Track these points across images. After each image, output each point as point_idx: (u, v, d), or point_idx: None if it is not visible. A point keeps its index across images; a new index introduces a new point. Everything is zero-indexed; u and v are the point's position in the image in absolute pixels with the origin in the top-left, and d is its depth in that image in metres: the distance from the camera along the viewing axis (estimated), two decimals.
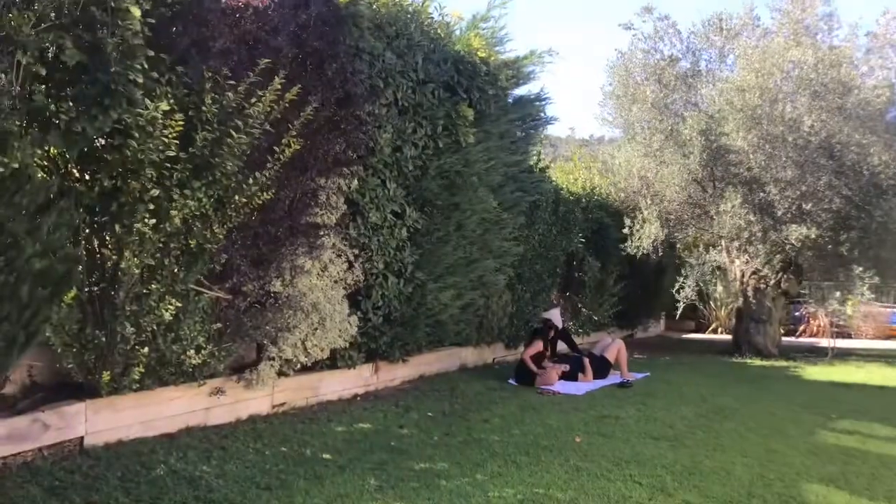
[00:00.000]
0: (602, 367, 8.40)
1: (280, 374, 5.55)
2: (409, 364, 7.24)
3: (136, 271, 4.09)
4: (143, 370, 4.25)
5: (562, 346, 8.88)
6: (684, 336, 16.24)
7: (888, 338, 15.64)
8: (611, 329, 12.61)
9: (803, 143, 9.85)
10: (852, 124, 9.88)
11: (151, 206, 4.02)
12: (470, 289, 7.78)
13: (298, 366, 5.71)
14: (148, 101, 3.73)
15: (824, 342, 14.97)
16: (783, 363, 10.29)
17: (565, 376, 7.97)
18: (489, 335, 8.74)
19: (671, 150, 11.00)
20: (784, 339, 12.48)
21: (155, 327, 4.28)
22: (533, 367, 7.69)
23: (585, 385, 7.74)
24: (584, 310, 11.38)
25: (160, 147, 3.86)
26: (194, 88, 4.13)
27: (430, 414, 5.95)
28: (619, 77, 11.85)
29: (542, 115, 8.68)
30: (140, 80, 3.62)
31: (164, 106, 3.82)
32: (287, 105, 4.51)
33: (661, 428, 5.62)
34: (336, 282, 5.98)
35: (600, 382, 7.98)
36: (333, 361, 6.24)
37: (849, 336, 16.32)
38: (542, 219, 9.28)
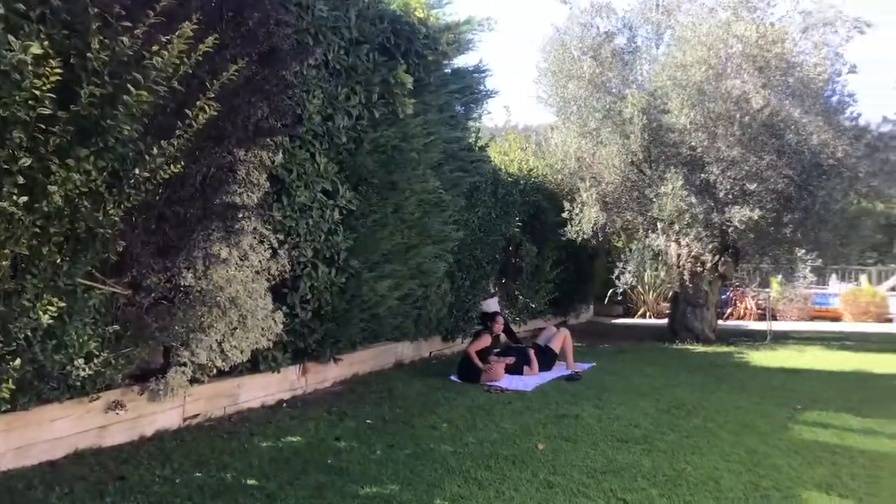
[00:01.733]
0: (548, 358, 7.92)
1: (193, 381, 4.75)
2: (341, 363, 6.54)
3: (4, 263, 3.22)
4: (13, 386, 3.39)
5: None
6: (614, 321, 16.12)
7: (812, 319, 15.98)
8: (547, 316, 12.23)
9: (749, 121, 9.65)
10: (794, 102, 9.76)
11: (21, 180, 3.16)
12: (408, 278, 7.12)
13: (214, 371, 4.92)
14: (12, 39, 2.87)
15: (752, 325, 15.16)
16: (724, 349, 10.13)
17: (510, 370, 7.44)
18: (427, 328, 8.11)
19: (609, 130, 10.63)
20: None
21: (30, 333, 3.42)
22: (478, 362, 7.12)
23: (533, 379, 7.23)
24: (520, 297, 10.92)
25: (30, 101, 3.01)
26: (76, 28, 3.28)
27: (368, 421, 5.28)
28: (555, 53, 11.38)
29: (482, 87, 8.08)
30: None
31: (36, 48, 2.97)
32: (200, 58, 3.69)
33: (626, 428, 5.15)
34: (258, 272, 5.21)
35: (547, 375, 7.49)
36: (255, 364, 5.49)
37: (774, 318, 16.62)
38: (482, 201, 8.70)
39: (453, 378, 7.13)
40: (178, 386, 4.57)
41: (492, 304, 9.62)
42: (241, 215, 4.70)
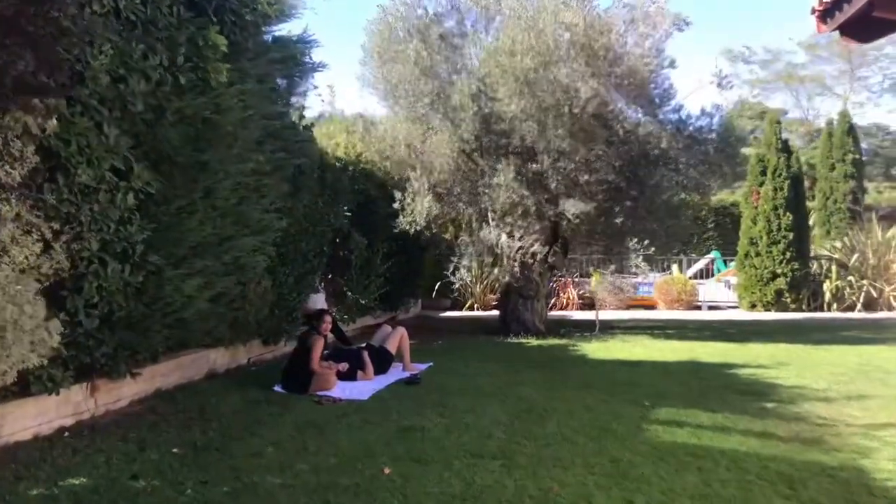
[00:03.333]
0: (383, 360, 7.35)
1: None
2: (140, 378, 5.53)
3: None
4: None
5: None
6: (442, 315, 15.94)
7: (629, 308, 16.78)
8: (377, 313, 11.67)
9: (578, 112, 9.67)
10: (620, 94, 9.94)
11: None
12: (223, 274, 6.21)
13: None
14: None
15: (576, 314, 15.62)
16: (558, 341, 10.14)
17: (343, 376, 6.79)
18: (245, 331, 7.21)
19: (440, 117, 10.24)
20: None
21: None
22: (317, 367, 6.38)
23: (368, 385, 6.61)
24: (349, 293, 10.25)
25: None
26: None
27: (175, 450, 4.39)
28: (380, 33, 10.80)
29: (308, 60, 7.29)
30: None
31: None
32: None
33: (479, 440, 4.69)
34: (25, 271, 4.13)
35: (384, 380, 6.91)
36: (26, 386, 4.40)
37: (593, 307, 17.30)
38: (307, 187, 7.91)
39: (277, 388, 6.34)
40: None
41: (318, 302, 8.89)
42: None
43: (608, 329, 11.79)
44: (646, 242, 9.94)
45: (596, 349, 9.28)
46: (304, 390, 6.22)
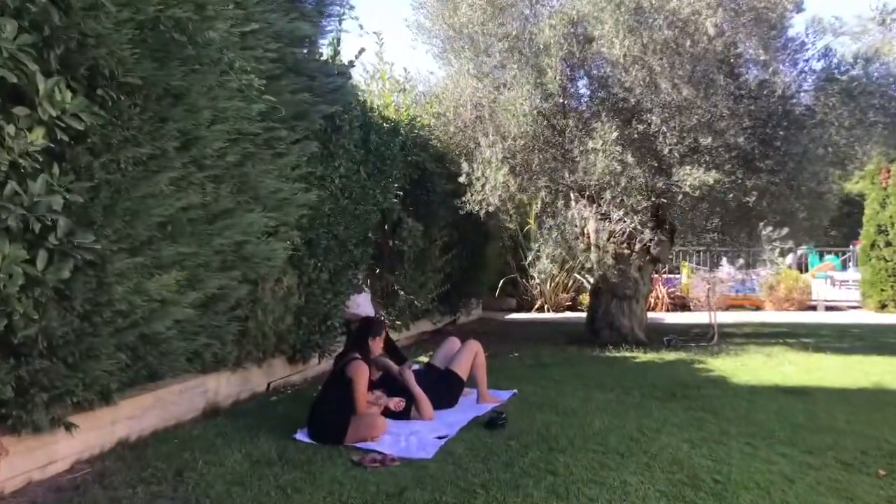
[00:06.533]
0: (451, 388, 5.36)
1: None
2: (89, 427, 3.65)
3: None
4: None
5: None
6: (508, 317, 13.92)
7: (728, 308, 14.45)
8: (435, 317, 9.70)
9: (700, 53, 7.50)
10: (752, 33, 7.71)
11: None
12: (219, 268, 4.30)
13: None
14: None
15: (668, 317, 13.40)
16: (671, 355, 7.98)
17: (394, 413, 4.83)
18: (259, 347, 5.29)
19: (517, 66, 8.17)
20: None
21: None
22: (363, 408, 4.43)
23: (430, 432, 4.59)
24: (401, 293, 8.28)
25: None
26: None
27: None
28: None
29: None
30: None
31: None
32: None
33: None
34: None
35: (452, 420, 4.89)
36: None
37: (687, 308, 15.03)
38: (345, 150, 5.96)
39: (300, 436, 4.37)
40: None
41: (364, 305, 6.93)
42: None
43: (725, 337, 9.56)
44: (783, 230, 7.68)
45: (731, 368, 7.08)
46: (339, 439, 4.24)
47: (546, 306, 14.90)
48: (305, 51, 5.06)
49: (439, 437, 4.42)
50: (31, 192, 2.81)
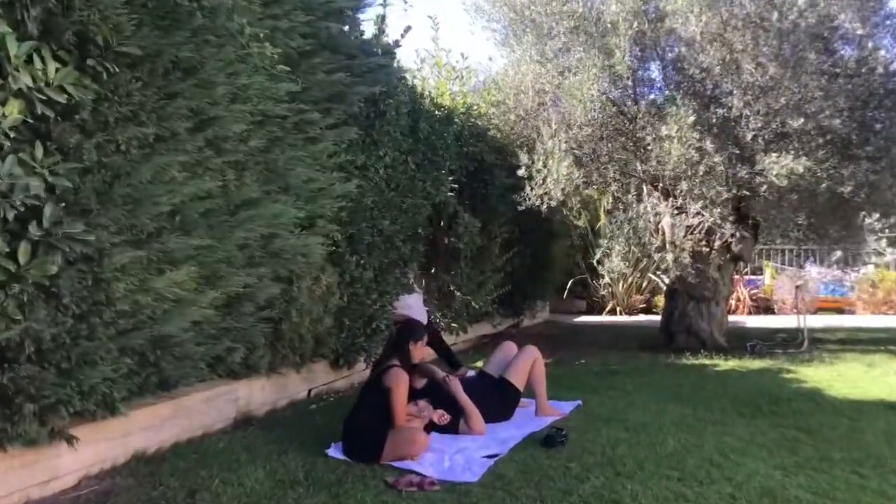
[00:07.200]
0: (507, 399, 4.85)
1: None
2: (98, 440, 3.32)
3: None
4: None
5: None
6: (576, 320, 13.25)
7: (816, 311, 13.39)
8: (496, 319, 9.19)
9: (788, 28, 6.77)
10: (850, 2, 6.93)
11: None
12: (244, 264, 3.92)
13: None
14: None
15: (749, 320, 12.49)
16: (756, 363, 7.23)
17: (439, 426, 4.36)
18: (296, 351, 4.88)
19: (583, 49, 7.59)
20: None
21: None
22: (402, 420, 3.98)
23: (478, 450, 4.09)
24: (458, 294, 7.80)
25: None
26: None
27: None
28: None
29: None
30: None
31: None
32: None
33: None
34: None
35: (506, 434, 4.39)
36: None
37: (771, 311, 14.03)
38: (391, 138, 5.52)
39: (333, 452, 3.93)
40: None
41: (414, 306, 6.48)
42: None
43: (815, 343, 8.72)
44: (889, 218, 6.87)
45: (827, 378, 6.31)
46: (375, 457, 3.79)
47: (618, 309, 14.17)
48: (344, 27, 4.64)
49: (489, 457, 3.92)
50: (1, 173, 2.45)
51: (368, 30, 5.30)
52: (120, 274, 3.01)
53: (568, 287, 13.81)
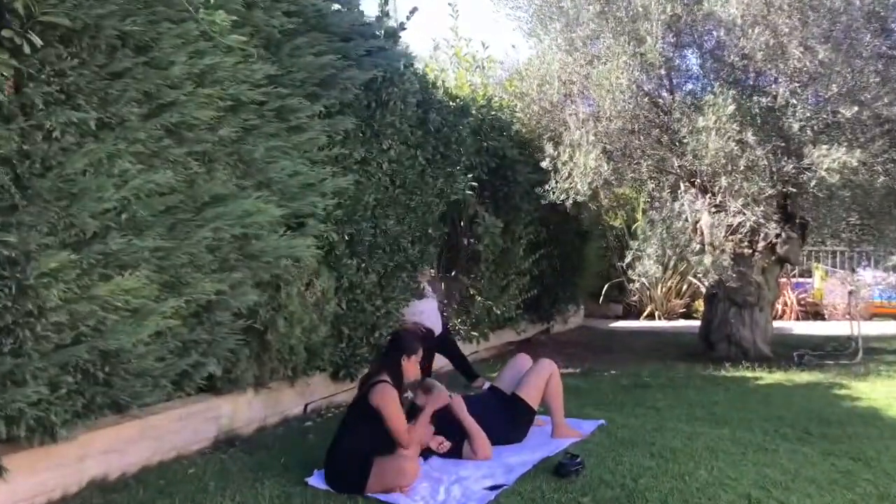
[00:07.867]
0: (515, 419, 4.37)
1: None
2: (43, 468, 2.94)
3: None
4: None
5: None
6: (612, 326, 12.67)
7: (871, 318, 12.58)
8: (521, 326, 8.68)
9: (840, 7, 6.16)
10: None
11: None
12: (214, 269, 3.51)
13: None
14: None
15: (797, 327, 11.76)
16: (805, 376, 6.61)
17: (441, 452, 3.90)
18: (287, 363, 4.48)
19: (612, 35, 7.06)
20: None
21: None
22: (405, 438, 3.53)
23: (479, 479, 3.62)
24: (478, 298, 7.33)
25: None
26: None
27: None
28: None
29: None
30: None
31: None
32: None
33: None
34: None
35: (515, 461, 3.91)
36: None
37: (821, 317, 13.26)
38: (395, 129, 5.08)
39: (313, 481, 3.50)
40: None
41: (427, 312, 6.00)
42: None
43: (870, 353, 8.03)
44: None
45: (885, 396, 5.65)
46: (360, 488, 3.35)
47: (657, 313, 13.55)
48: (337, 6, 4.22)
49: (491, 488, 3.46)
50: None
51: (373, 12, 4.89)
52: (51, 280, 2.62)
53: (604, 291, 13.26)
